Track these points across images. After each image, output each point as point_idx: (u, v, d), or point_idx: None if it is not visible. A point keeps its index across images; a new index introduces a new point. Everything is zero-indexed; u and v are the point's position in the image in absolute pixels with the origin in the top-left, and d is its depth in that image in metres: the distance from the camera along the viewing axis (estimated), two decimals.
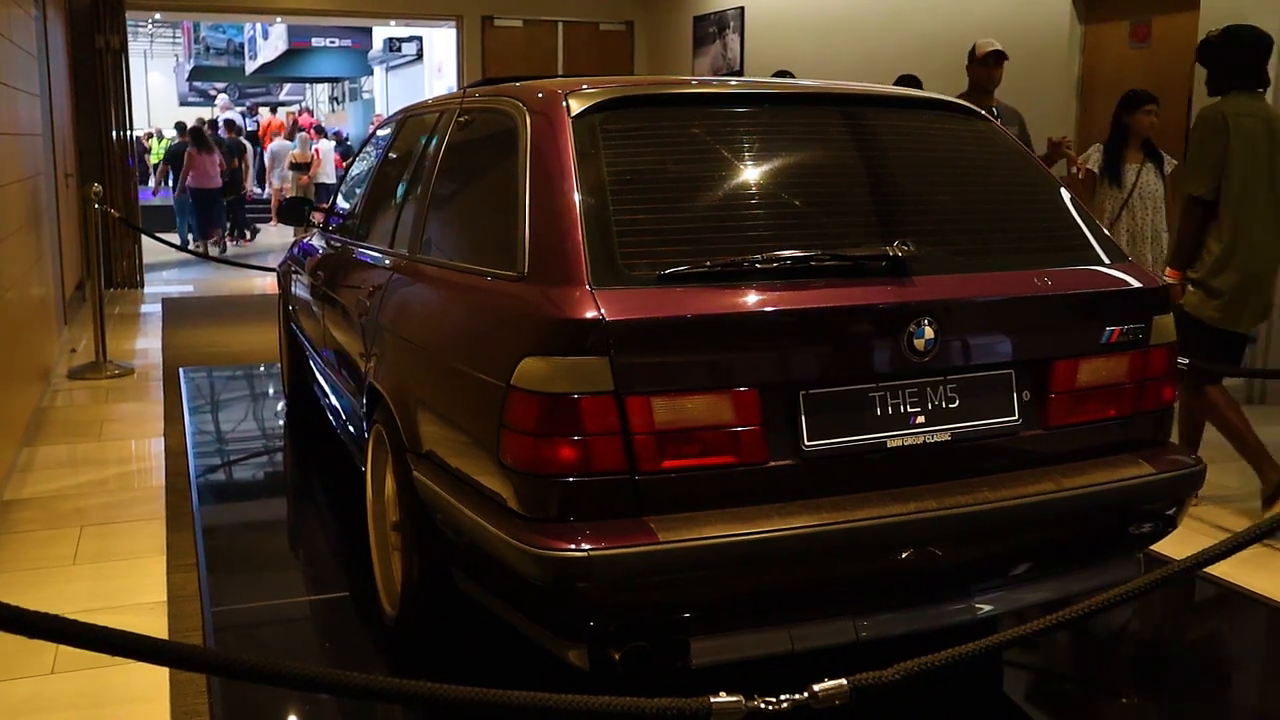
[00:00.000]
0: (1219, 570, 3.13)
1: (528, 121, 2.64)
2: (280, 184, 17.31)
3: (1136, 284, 2.66)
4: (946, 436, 2.42)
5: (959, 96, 5.48)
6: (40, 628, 1.50)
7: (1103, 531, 2.62)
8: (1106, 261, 2.70)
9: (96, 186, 6.82)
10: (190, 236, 13.74)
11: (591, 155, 2.45)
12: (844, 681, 1.72)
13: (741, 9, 10.38)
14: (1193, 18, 5.87)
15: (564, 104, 2.56)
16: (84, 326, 7.73)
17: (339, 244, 4.22)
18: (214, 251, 13.16)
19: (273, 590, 3.52)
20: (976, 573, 2.51)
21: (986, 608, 2.49)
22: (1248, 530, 2.18)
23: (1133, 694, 2.96)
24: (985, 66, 5.65)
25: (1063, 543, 2.59)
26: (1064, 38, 6.61)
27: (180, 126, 15.74)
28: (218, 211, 14.03)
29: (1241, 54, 4.17)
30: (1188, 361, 3.86)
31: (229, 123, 17.43)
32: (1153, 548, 2.80)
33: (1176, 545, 3.09)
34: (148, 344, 7.62)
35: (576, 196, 2.36)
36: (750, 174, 2.56)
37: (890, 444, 2.37)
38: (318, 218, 4.95)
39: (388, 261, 3.34)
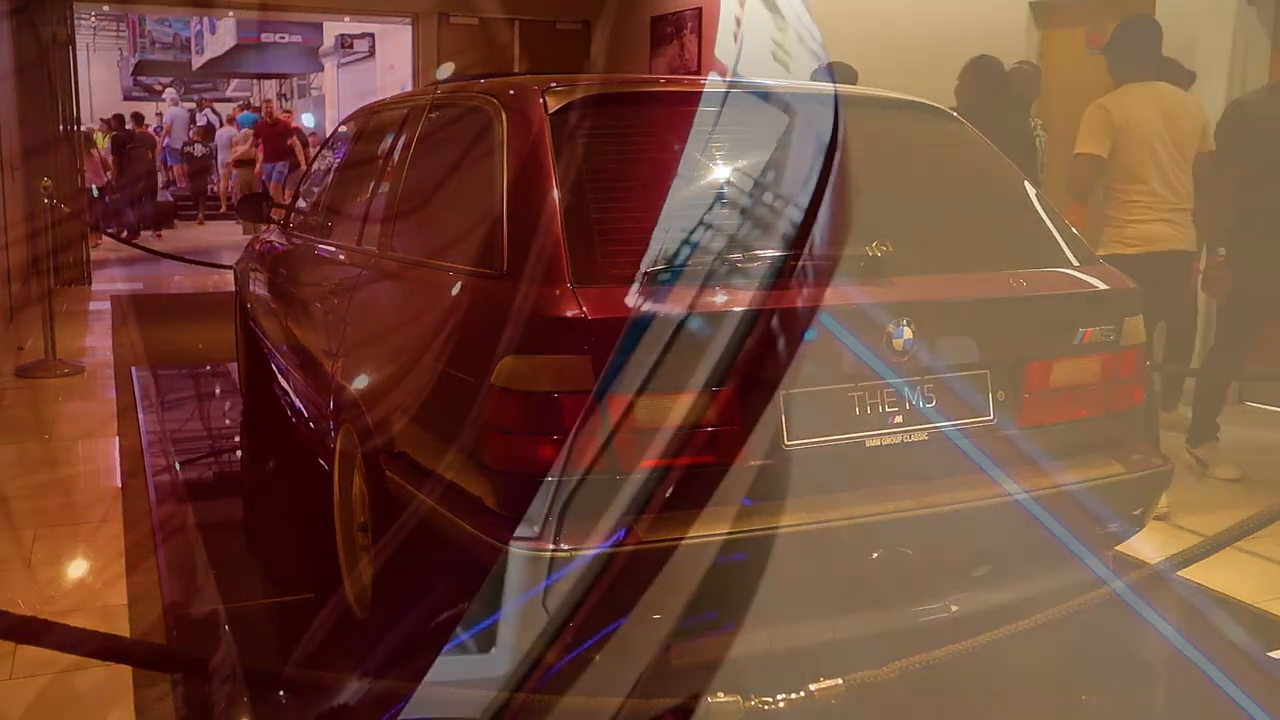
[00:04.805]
0: (1188, 571, 3.17)
1: (504, 119, 2.61)
2: (223, 169, 16.99)
3: (1107, 286, 2.69)
4: (924, 436, 2.43)
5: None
6: (22, 630, 1.45)
7: (1074, 530, 2.65)
8: (1077, 264, 2.73)
9: (46, 181, 6.67)
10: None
11: (570, 153, 2.43)
12: (840, 680, 1.72)
13: (699, 10, 10.38)
14: None
15: (541, 101, 2.54)
16: (31, 324, 7.55)
17: (302, 241, 4.16)
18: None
19: (236, 592, 3.46)
20: (951, 571, 2.53)
21: (960, 607, 2.51)
22: (1226, 532, 2.21)
23: (1110, 693, 2.98)
24: None
25: (1035, 541, 2.61)
26: (1021, 44, 6.67)
27: None
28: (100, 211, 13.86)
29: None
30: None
31: (135, 115, 17.04)
32: (1118, 548, 2.84)
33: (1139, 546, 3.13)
34: (97, 342, 7.46)
35: (556, 194, 2.34)
36: (730, 173, 2.56)
37: (869, 443, 2.38)
38: (277, 214, 4.88)
39: (356, 259, 3.29)
